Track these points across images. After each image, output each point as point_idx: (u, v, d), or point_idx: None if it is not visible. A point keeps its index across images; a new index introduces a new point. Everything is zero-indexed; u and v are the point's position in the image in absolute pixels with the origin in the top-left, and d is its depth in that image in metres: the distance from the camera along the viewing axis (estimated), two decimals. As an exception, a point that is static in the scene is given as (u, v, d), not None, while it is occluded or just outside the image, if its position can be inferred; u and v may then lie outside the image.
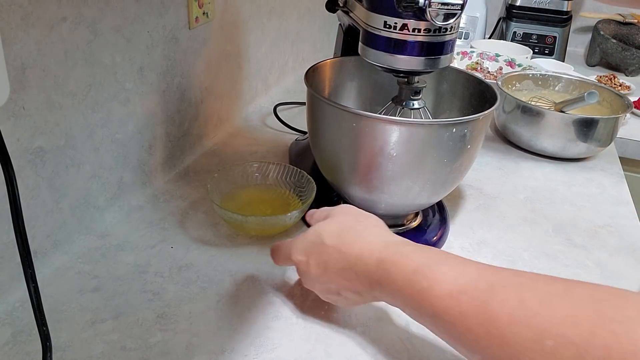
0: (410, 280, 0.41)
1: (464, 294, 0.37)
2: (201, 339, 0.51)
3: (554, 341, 0.32)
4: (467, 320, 0.37)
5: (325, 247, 0.48)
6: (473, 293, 0.37)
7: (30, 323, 0.51)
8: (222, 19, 0.84)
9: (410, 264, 0.42)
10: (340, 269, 0.47)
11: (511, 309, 0.34)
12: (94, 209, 0.65)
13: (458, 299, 0.38)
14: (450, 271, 0.40)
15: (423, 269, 0.41)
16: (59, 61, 0.54)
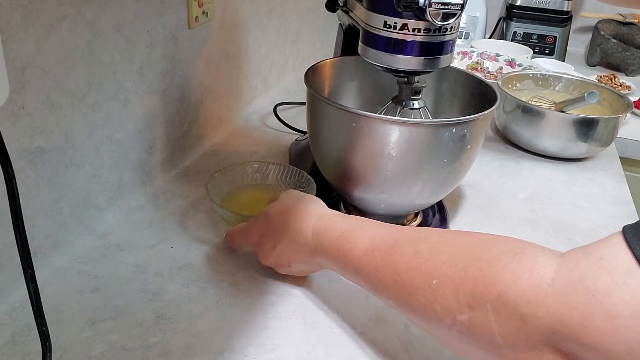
0: (337, 245, 0.49)
1: (377, 250, 0.45)
2: (201, 339, 0.51)
3: (437, 280, 0.39)
4: (379, 271, 0.44)
5: (272, 224, 0.55)
6: (382, 249, 0.45)
7: (29, 323, 0.51)
8: (222, 19, 0.84)
9: (335, 231, 0.50)
10: (286, 243, 0.54)
11: (409, 258, 0.42)
12: (94, 209, 0.65)
13: (372, 255, 0.45)
14: (367, 233, 0.47)
15: (346, 234, 0.49)
16: (58, 61, 0.54)
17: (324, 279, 0.60)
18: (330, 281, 0.60)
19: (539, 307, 0.32)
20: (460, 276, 0.37)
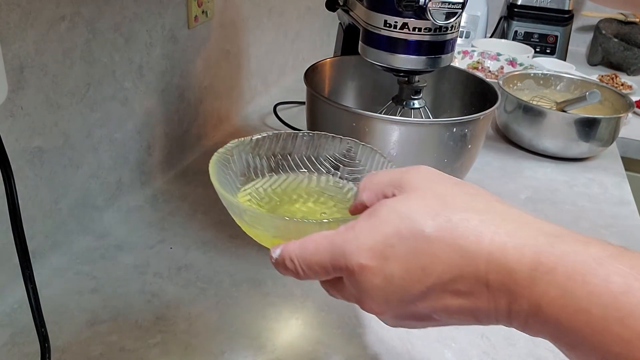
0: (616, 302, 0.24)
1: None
2: (200, 340, 0.51)
3: None
4: None
5: (422, 238, 0.28)
6: None
7: (28, 324, 0.50)
8: (221, 18, 0.84)
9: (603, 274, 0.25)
10: (452, 278, 0.27)
11: None
12: (93, 209, 0.64)
13: None
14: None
15: (633, 284, 0.24)
16: (57, 60, 0.54)
17: (324, 279, 0.60)
18: (330, 282, 0.60)
19: None
20: None
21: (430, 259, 0.27)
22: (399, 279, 0.28)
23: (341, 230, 0.30)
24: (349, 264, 0.29)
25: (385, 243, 0.28)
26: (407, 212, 0.29)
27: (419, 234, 0.28)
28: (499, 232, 0.27)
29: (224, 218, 0.69)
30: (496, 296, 0.27)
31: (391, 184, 0.32)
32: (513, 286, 0.26)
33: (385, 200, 0.31)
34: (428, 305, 0.28)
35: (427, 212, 0.28)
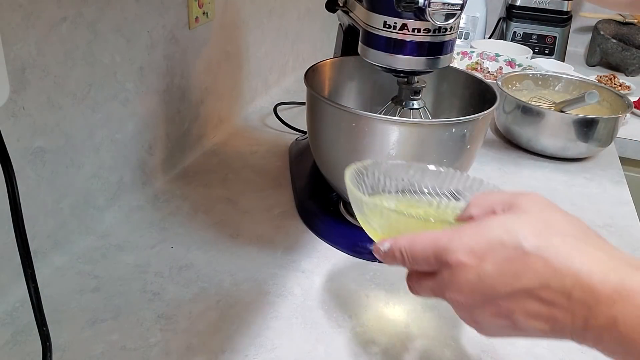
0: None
1: None
2: (201, 339, 0.51)
3: None
4: None
5: (520, 250, 0.31)
6: None
7: (30, 323, 0.51)
8: (222, 19, 0.84)
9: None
10: (539, 286, 0.30)
11: None
12: (94, 209, 0.65)
13: None
14: None
15: None
16: (58, 61, 0.54)
17: (323, 278, 0.60)
18: (330, 281, 0.60)
19: None
20: None
21: (523, 267, 0.31)
22: (490, 279, 0.32)
23: (447, 231, 0.35)
24: (450, 259, 0.33)
25: (486, 247, 0.32)
26: (513, 227, 0.32)
27: (519, 246, 0.31)
28: (590, 257, 0.30)
29: (225, 218, 0.69)
30: (576, 309, 0.29)
31: (502, 202, 0.35)
32: (594, 303, 0.29)
33: (496, 215, 0.35)
34: (510, 305, 0.32)
35: (531, 231, 0.32)
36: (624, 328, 0.28)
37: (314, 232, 0.68)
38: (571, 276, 0.30)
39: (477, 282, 0.32)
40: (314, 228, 0.68)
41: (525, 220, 0.33)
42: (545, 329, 0.31)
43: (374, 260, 0.63)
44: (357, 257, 0.64)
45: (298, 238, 0.67)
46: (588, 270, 0.29)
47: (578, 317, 0.30)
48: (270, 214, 0.71)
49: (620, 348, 0.28)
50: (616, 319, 0.28)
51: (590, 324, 0.29)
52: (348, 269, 0.62)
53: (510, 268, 0.31)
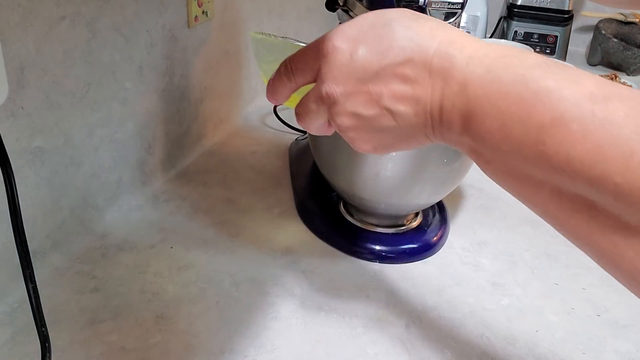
0: (524, 80, 0.27)
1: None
2: (201, 340, 0.51)
3: None
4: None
5: (389, 30, 0.32)
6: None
7: (29, 324, 0.51)
8: (221, 18, 0.84)
9: (526, 61, 0.28)
10: (404, 61, 0.31)
11: None
12: (93, 209, 0.64)
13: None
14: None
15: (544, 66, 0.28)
16: (57, 60, 0.54)
17: (323, 279, 0.60)
18: (330, 281, 0.60)
19: None
20: None
21: (389, 43, 0.32)
22: (361, 59, 0.32)
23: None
24: (326, 46, 0.34)
25: (359, 31, 0.33)
26: (384, 12, 0.34)
27: (388, 24, 0.33)
28: (452, 33, 0.32)
29: (225, 217, 0.69)
30: (435, 81, 0.30)
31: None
32: (449, 69, 0.30)
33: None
34: (379, 89, 0.32)
35: (399, 14, 0.33)
36: (473, 88, 0.29)
37: (314, 232, 0.67)
38: (433, 48, 0.31)
39: (351, 63, 0.33)
40: (314, 228, 0.68)
41: (398, 11, 0.34)
42: (409, 114, 0.32)
43: (374, 260, 0.63)
44: (357, 257, 0.64)
45: (298, 238, 0.66)
46: (448, 40, 0.31)
47: (436, 91, 0.30)
48: (270, 214, 0.71)
49: (470, 112, 0.29)
50: (466, 80, 0.29)
51: (446, 93, 0.30)
52: (348, 269, 0.62)
53: (379, 46, 0.32)
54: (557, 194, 0.26)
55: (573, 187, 0.25)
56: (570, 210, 0.26)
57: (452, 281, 0.61)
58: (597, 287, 0.62)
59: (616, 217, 0.25)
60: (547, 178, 0.26)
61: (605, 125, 0.24)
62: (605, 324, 0.57)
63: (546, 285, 0.62)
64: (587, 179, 0.24)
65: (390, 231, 0.66)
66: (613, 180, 0.23)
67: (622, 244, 0.25)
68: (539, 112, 0.26)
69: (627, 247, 0.25)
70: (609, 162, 0.23)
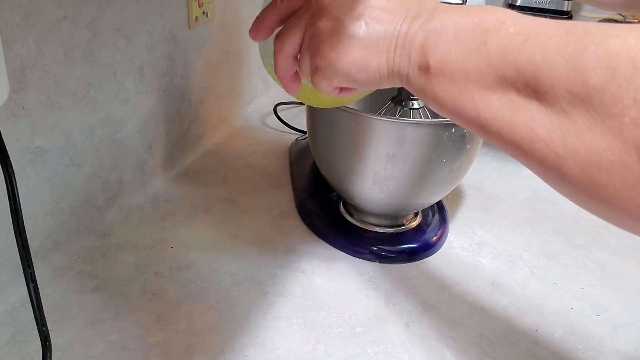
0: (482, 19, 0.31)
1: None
2: (201, 339, 0.51)
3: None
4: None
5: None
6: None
7: (30, 323, 0.51)
8: (222, 19, 0.84)
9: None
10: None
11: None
12: (94, 209, 0.65)
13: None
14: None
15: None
16: (58, 60, 0.54)
17: (324, 279, 0.60)
18: (330, 281, 0.60)
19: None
20: None
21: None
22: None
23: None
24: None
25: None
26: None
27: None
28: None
29: (225, 218, 0.69)
30: (410, 9, 0.34)
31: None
32: (423, 4, 0.34)
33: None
34: (363, 7, 0.34)
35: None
36: (438, 17, 0.32)
37: (314, 232, 0.68)
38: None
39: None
40: (314, 228, 0.68)
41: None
42: (380, 31, 0.34)
43: (373, 260, 0.63)
44: (357, 257, 0.64)
45: (298, 238, 0.67)
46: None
47: (407, 20, 0.33)
48: (270, 214, 0.71)
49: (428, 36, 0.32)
50: (435, 10, 0.33)
51: (414, 22, 0.33)
52: (348, 269, 0.62)
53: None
54: (489, 91, 0.29)
55: (504, 76, 0.28)
56: (499, 104, 0.29)
57: (451, 281, 0.61)
58: (596, 287, 0.62)
59: (535, 90, 0.27)
60: (483, 75, 0.29)
61: (536, 25, 0.30)
62: (604, 323, 0.57)
63: (545, 285, 0.62)
64: (515, 63, 0.28)
65: (390, 231, 0.67)
66: (535, 60, 0.27)
67: (536, 112, 0.27)
68: (485, 21, 0.31)
69: (539, 117, 0.27)
70: (535, 47, 0.28)
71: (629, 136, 0.23)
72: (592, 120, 0.24)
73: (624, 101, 0.23)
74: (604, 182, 0.24)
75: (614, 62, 0.23)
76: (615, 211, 0.25)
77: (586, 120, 0.24)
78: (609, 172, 0.24)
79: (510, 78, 0.28)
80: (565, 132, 0.25)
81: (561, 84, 0.25)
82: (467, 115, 0.31)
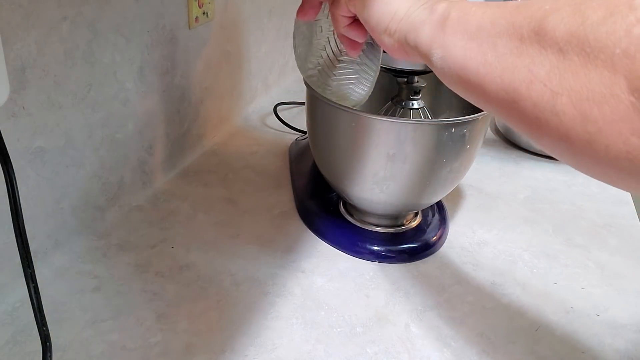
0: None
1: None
2: (201, 339, 0.51)
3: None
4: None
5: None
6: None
7: (30, 323, 0.51)
8: (222, 19, 0.84)
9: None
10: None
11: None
12: (94, 209, 0.65)
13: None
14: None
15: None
16: (58, 61, 0.54)
17: (324, 278, 0.60)
18: (330, 281, 0.60)
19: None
20: None
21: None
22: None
23: None
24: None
25: None
26: None
27: None
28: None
29: (225, 218, 0.69)
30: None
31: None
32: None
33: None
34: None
35: None
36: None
37: (314, 232, 0.68)
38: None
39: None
40: (314, 228, 0.68)
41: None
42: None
43: (373, 260, 0.64)
44: (357, 257, 0.64)
45: (298, 238, 0.67)
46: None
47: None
48: (270, 214, 0.71)
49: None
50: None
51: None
52: (348, 269, 0.62)
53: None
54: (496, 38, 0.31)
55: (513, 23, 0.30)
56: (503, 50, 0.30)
57: (451, 280, 0.62)
58: (596, 287, 0.62)
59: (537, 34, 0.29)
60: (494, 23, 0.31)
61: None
62: (604, 323, 0.57)
63: (545, 284, 0.62)
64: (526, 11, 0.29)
65: (390, 231, 0.67)
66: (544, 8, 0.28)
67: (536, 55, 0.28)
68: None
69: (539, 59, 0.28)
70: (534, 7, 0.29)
71: (620, 67, 0.24)
72: (586, 56, 0.25)
73: (616, 34, 0.24)
74: (595, 116, 0.25)
75: (613, 3, 0.25)
76: (600, 151, 0.26)
77: (581, 57, 0.25)
78: (600, 104, 0.25)
79: (518, 25, 0.29)
80: (562, 70, 0.26)
81: (563, 24, 0.27)
82: (470, 64, 0.33)
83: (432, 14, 0.36)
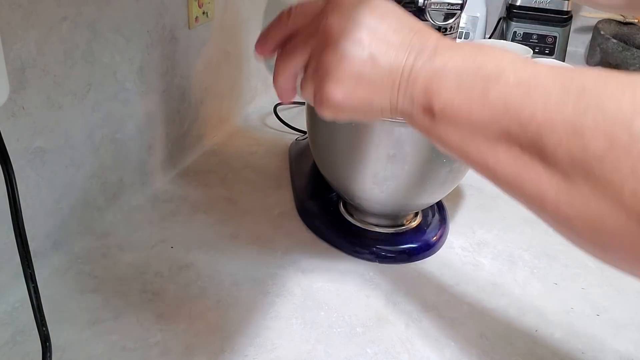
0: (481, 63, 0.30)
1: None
2: (201, 339, 0.51)
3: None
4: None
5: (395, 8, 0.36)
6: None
7: (29, 323, 0.51)
8: (222, 19, 0.84)
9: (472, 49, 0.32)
10: (396, 27, 0.35)
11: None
12: (94, 209, 0.65)
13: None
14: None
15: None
16: (58, 61, 0.54)
17: (323, 278, 0.60)
18: (330, 281, 0.60)
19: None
20: None
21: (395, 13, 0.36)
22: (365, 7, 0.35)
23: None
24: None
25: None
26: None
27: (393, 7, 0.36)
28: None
29: (225, 218, 0.69)
30: (414, 43, 0.34)
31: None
32: (426, 41, 0.34)
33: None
34: (368, 36, 0.34)
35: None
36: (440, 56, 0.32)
37: (314, 232, 0.68)
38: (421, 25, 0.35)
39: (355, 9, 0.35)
40: (314, 228, 0.68)
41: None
42: (385, 69, 0.34)
43: (374, 260, 0.63)
44: (357, 257, 0.64)
45: (298, 238, 0.67)
46: (429, 26, 0.36)
47: (411, 56, 0.33)
48: (270, 214, 0.71)
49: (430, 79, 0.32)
50: (436, 48, 0.33)
51: (417, 60, 0.33)
52: (348, 269, 0.62)
53: (382, 10, 0.35)
54: (495, 142, 0.29)
55: (508, 131, 0.28)
56: (505, 158, 0.29)
57: (451, 281, 0.62)
58: (596, 287, 0.62)
59: (539, 151, 0.27)
60: (487, 126, 0.29)
61: (534, 75, 0.28)
62: (604, 323, 0.57)
63: (545, 285, 0.62)
64: (518, 119, 0.28)
65: (390, 231, 0.67)
66: (537, 119, 0.26)
67: (542, 172, 0.27)
68: (486, 66, 0.30)
69: (545, 178, 0.27)
70: (536, 104, 0.27)
71: (631, 205, 0.23)
72: (594, 187, 0.24)
73: (622, 171, 0.23)
74: (615, 246, 0.25)
75: (611, 130, 0.23)
76: (635, 267, 0.25)
77: (589, 187, 0.24)
78: (618, 237, 0.24)
79: (514, 134, 0.28)
80: (571, 197, 0.25)
81: (563, 147, 0.25)
82: (475, 162, 0.31)
83: (415, 106, 0.33)
